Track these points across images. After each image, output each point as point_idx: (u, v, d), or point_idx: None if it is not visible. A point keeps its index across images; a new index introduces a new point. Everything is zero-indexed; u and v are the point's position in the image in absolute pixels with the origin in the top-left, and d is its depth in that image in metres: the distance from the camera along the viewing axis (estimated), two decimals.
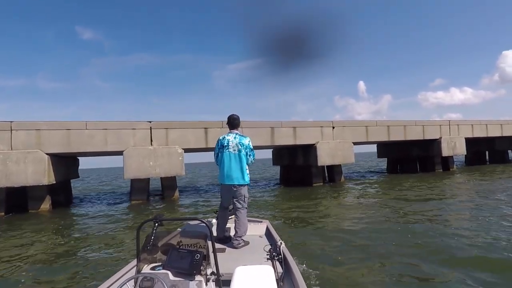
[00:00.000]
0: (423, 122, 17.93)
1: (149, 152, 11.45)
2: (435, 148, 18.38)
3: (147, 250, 2.01)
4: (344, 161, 14.89)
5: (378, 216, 7.09)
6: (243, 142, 3.57)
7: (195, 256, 1.95)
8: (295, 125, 14.31)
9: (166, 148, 11.75)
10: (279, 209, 9.21)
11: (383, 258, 4.23)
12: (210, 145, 12.60)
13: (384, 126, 16.58)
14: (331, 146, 14.59)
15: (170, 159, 11.69)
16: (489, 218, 6.20)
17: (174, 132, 12.14)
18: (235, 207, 3.54)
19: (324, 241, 5.21)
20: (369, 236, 5.35)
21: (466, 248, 4.42)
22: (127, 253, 5.12)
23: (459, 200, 8.86)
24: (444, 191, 10.79)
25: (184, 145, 12.18)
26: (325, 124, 14.98)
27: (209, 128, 12.64)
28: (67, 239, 6.50)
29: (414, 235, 5.24)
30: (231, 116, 3.73)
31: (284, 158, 17.55)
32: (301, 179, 16.07)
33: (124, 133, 11.45)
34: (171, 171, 11.70)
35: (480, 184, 11.89)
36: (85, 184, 28.34)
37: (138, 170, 11.25)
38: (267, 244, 3.08)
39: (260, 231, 3.76)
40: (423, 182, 13.56)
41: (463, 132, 19.33)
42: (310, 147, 14.65)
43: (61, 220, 8.87)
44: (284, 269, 2.54)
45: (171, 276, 1.88)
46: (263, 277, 1.96)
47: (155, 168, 11.46)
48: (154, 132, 11.86)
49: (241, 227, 3.37)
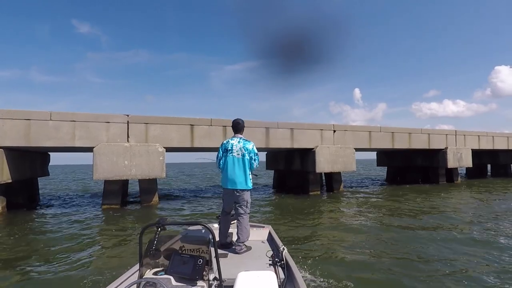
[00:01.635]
0: (428, 130, 16.73)
1: (125, 150, 9.91)
2: (440, 159, 17.18)
3: (150, 255, 1.98)
4: (345, 169, 13.53)
5: (385, 246, 5.71)
6: (247, 147, 3.55)
7: (198, 261, 1.94)
8: (293, 126, 12.92)
9: (144, 146, 10.22)
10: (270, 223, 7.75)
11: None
12: (196, 144, 11.12)
13: (389, 132, 15.30)
14: (331, 152, 13.22)
15: (149, 159, 10.16)
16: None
17: (155, 128, 10.62)
18: (237, 212, 3.50)
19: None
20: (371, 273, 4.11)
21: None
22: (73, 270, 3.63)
23: (482, 224, 7.53)
24: (459, 209, 9.47)
25: (166, 143, 10.67)
26: (325, 127, 13.62)
27: (195, 125, 11.16)
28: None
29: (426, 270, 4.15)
30: (236, 121, 3.72)
31: (280, 162, 16.13)
32: (297, 186, 14.64)
33: (96, 126, 9.89)
34: (150, 173, 10.17)
35: (498, 201, 10.63)
36: (60, 182, 26.47)
37: (111, 170, 9.69)
38: (269, 250, 3.14)
39: (263, 237, 3.74)
40: (430, 196, 12.26)
41: (469, 143, 18.21)
42: (308, 152, 13.27)
43: (7, 227, 7.29)
44: (286, 274, 2.52)
45: (174, 281, 1.86)
46: (266, 283, 1.95)
47: (130, 169, 9.92)
48: (132, 127, 10.33)
49: (243, 233, 3.36)
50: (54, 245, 5.71)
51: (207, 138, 11.26)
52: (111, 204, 10.17)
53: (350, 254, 4.87)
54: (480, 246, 5.25)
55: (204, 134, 11.24)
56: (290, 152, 14.80)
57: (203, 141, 11.20)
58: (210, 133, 11.30)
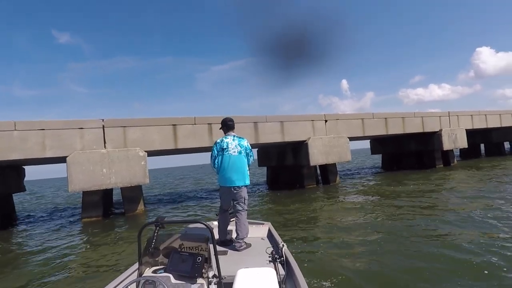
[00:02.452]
0: (421, 113, 16.27)
1: (102, 157, 9.10)
2: (435, 142, 16.76)
3: (149, 253, 1.98)
4: (340, 159, 12.95)
5: (392, 237, 5.12)
6: (242, 144, 3.59)
7: (197, 259, 1.93)
8: (283, 119, 12.26)
9: (124, 151, 9.42)
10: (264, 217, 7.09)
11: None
12: (180, 145, 10.37)
13: (382, 118, 14.77)
14: (325, 142, 12.62)
15: (129, 165, 9.37)
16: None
17: (134, 131, 9.82)
18: (236, 209, 3.50)
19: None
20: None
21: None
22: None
23: (488, 208, 7.01)
24: (462, 192, 8.98)
25: (147, 147, 9.88)
26: (316, 118, 13.00)
27: (178, 125, 10.38)
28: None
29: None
30: (227, 119, 3.73)
31: (272, 158, 15.47)
32: (291, 181, 14.03)
33: (68, 134, 9.04)
34: (132, 179, 9.38)
35: (500, 183, 10.20)
36: (40, 197, 25.22)
37: (87, 180, 8.88)
38: (269, 247, 3.10)
39: (262, 233, 3.73)
40: (428, 180, 11.79)
41: (463, 123, 17.85)
42: (300, 144, 12.64)
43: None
44: (286, 271, 2.50)
45: (173, 279, 1.85)
46: (265, 280, 1.94)
47: (109, 177, 9.12)
48: (108, 132, 9.51)
49: (243, 230, 3.35)
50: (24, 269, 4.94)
51: (192, 137, 10.51)
52: (91, 216, 9.36)
53: (351, 250, 4.59)
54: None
55: (188, 133, 10.48)
56: (282, 147, 14.16)
57: (188, 141, 10.45)
58: (195, 132, 10.56)
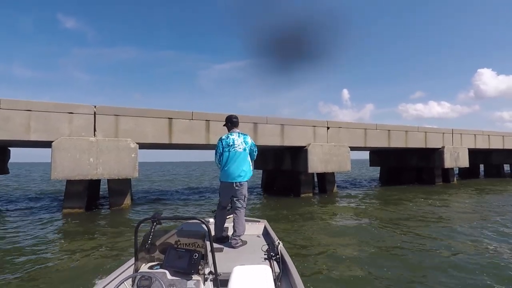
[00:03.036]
0: (425, 128, 15.90)
1: (90, 145, 8.56)
2: (436, 158, 16.39)
3: (145, 249, 1.98)
4: (339, 169, 12.50)
5: (389, 252, 4.65)
6: (247, 140, 3.66)
7: (193, 256, 1.93)
8: (284, 122, 11.79)
9: (114, 141, 8.89)
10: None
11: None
12: (175, 140, 9.86)
13: (385, 130, 14.37)
14: (325, 150, 12.17)
15: (118, 156, 8.84)
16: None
17: (127, 121, 9.30)
18: (235, 206, 3.53)
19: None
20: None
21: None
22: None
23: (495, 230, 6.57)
24: (466, 212, 8.54)
25: (139, 139, 9.36)
26: (318, 124, 12.55)
27: (174, 118, 9.87)
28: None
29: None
30: (232, 116, 3.77)
31: (269, 162, 14.99)
32: (287, 188, 13.55)
33: (56, 117, 8.51)
34: (120, 172, 8.84)
35: (504, 203, 9.79)
36: (24, 181, 24.54)
37: (72, 168, 8.33)
38: (264, 244, 3.10)
39: (258, 231, 3.74)
40: (429, 196, 11.36)
41: (466, 142, 17.50)
42: (300, 150, 12.17)
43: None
44: (281, 268, 2.51)
45: (169, 276, 1.85)
46: (261, 277, 1.96)
47: (96, 167, 8.58)
48: (100, 120, 8.98)
49: (240, 227, 3.35)
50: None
51: (188, 133, 10.00)
52: (73, 207, 8.79)
53: (347, 266, 4.31)
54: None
55: (184, 128, 9.97)
56: (280, 150, 13.69)
57: (183, 137, 9.94)
58: (192, 127, 10.05)
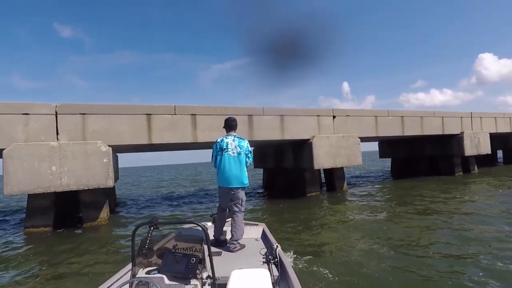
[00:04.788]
0: (442, 113, 14.31)
1: (51, 151, 7.15)
2: (454, 146, 14.79)
3: (142, 254, 1.97)
4: (349, 163, 11.00)
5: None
6: (242, 145, 3.56)
7: (191, 260, 1.93)
8: (283, 112, 10.29)
9: (81, 144, 7.47)
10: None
11: None
12: (156, 139, 8.42)
13: (398, 117, 12.81)
14: (332, 142, 10.66)
15: (87, 162, 7.42)
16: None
17: (97, 120, 7.86)
18: (232, 210, 3.50)
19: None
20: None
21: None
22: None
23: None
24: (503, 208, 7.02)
25: (112, 140, 7.93)
26: (323, 113, 11.04)
27: (153, 114, 8.42)
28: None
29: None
30: (230, 118, 3.72)
31: (268, 159, 13.51)
32: (290, 187, 12.09)
33: (8, 120, 7.09)
34: (89, 181, 7.43)
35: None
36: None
37: (30, 180, 6.92)
38: (263, 248, 3.09)
39: (256, 234, 3.70)
40: (455, 190, 9.84)
41: (486, 126, 15.87)
42: (303, 144, 10.68)
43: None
44: (280, 272, 2.50)
45: (167, 280, 1.85)
46: (259, 281, 1.95)
47: (60, 177, 7.17)
48: (62, 120, 7.55)
49: (238, 231, 3.34)
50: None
51: (171, 130, 8.55)
52: (38, 226, 7.40)
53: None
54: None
55: (166, 125, 8.52)
56: (280, 145, 12.22)
57: (165, 135, 8.50)
58: (174, 123, 8.60)
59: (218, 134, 9.36)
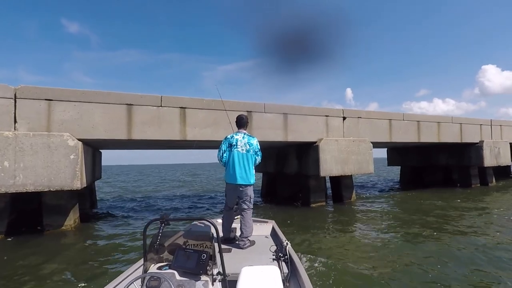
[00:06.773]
0: (460, 119, 13.04)
1: (5, 143, 5.86)
2: (472, 155, 13.51)
3: (154, 250, 1.99)
4: (360, 171, 9.70)
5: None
6: (251, 142, 3.58)
7: (202, 256, 1.92)
8: (287, 110, 9.03)
9: (43, 136, 6.19)
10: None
11: None
12: (136, 135, 7.14)
13: (414, 121, 11.54)
14: (341, 147, 9.39)
15: (49, 158, 6.14)
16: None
17: (66, 108, 6.59)
18: (241, 208, 3.51)
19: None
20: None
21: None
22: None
23: None
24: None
25: (83, 134, 6.65)
26: (332, 113, 9.77)
27: (135, 105, 7.14)
28: None
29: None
30: (239, 116, 3.80)
31: (269, 163, 12.23)
32: (292, 195, 10.80)
33: None
34: (52, 181, 6.13)
35: None
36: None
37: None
38: (273, 245, 3.07)
39: (266, 232, 3.74)
40: (478, 204, 8.54)
41: (506, 135, 14.61)
42: (309, 147, 9.41)
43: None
44: (290, 269, 2.49)
45: (178, 276, 1.85)
46: (269, 278, 1.94)
47: (14, 175, 5.88)
48: (23, 106, 6.28)
49: (247, 228, 3.35)
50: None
51: (155, 125, 7.27)
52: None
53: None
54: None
55: (149, 119, 7.24)
56: (283, 148, 10.94)
57: (149, 130, 7.22)
58: (160, 117, 7.32)
59: (211, 131, 7.63)
